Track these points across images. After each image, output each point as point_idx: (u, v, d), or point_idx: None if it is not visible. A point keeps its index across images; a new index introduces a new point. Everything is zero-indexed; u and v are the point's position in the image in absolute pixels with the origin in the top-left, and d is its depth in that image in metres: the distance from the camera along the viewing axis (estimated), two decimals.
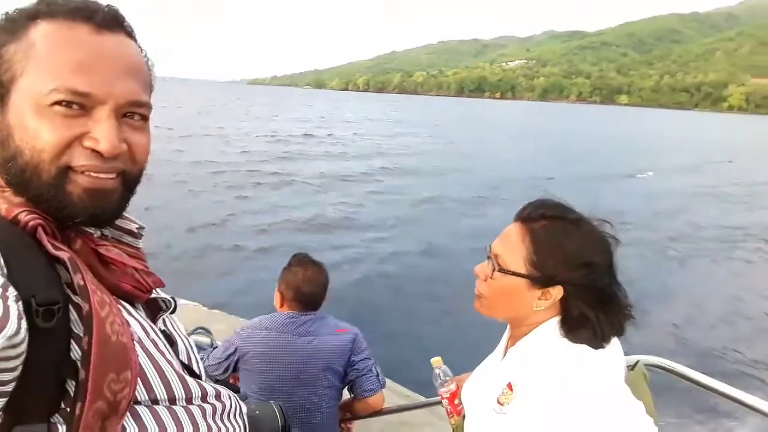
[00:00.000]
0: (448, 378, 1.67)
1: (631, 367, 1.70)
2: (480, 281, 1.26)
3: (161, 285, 0.88)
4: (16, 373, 0.55)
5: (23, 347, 0.55)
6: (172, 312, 0.94)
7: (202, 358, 0.98)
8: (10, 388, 0.55)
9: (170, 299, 0.92)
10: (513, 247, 1.19)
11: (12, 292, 0.56)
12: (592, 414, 1.02)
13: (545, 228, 1.17)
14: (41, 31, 0.69)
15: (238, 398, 0.96)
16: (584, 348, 1.11)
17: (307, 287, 2.24)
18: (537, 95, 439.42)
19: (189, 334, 0.93)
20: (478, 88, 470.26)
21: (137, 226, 0.88)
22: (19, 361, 0.55)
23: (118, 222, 0.84)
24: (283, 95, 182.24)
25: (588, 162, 28.62)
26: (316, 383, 2.19)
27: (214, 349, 2.41)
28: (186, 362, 0.90)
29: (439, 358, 1.71)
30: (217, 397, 0.87)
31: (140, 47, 0.80)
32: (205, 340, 2.61)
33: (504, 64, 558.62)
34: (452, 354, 1.72)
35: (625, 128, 75.39)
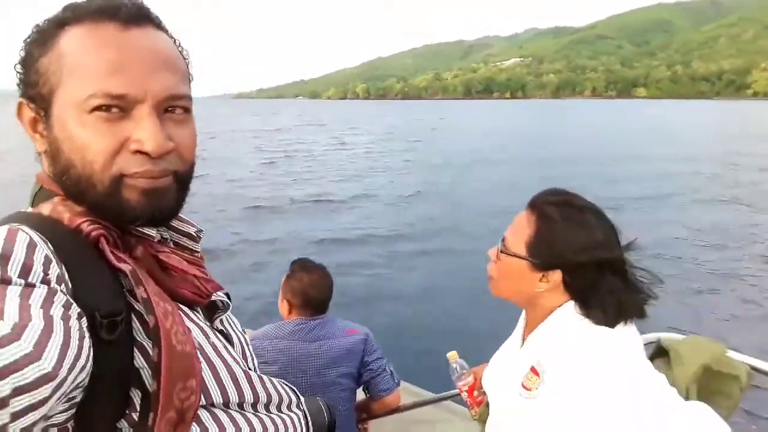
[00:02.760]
0: (465, 371, 1.69)
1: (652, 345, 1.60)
2: (491, 263, 1.32)
3: (220, 290, 0.90)
4: (83, 387, 0.57)
5: (89, 364, 0.56)
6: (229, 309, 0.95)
7: None
8: (77, 400, 0.57)
9: (226, 300, 0.94)
10: (518, 230, 1.25)
11: (75, 309, 0.57)
12: (618, 391, 1.04)
13: (548, 213, 1.20)
14: (70, 38, 0.69)
15: (296, 392, 0.98)
16: (602, 329, 1.14)
17: (314, 291, 2.25)
18: (549, 93, 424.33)
19: None
20: (486, 89, 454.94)
21: (195, 229, 0.89)
22: (86, 377, 0.56)
23: (177, 225, 0.86)
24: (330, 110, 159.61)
25: None
26: (331, 387, 2.19)
27: None
28: (242, 360, 0.91)
29: (454, 352, 1.72)
30: (269, 398, 0.87)
31: (172, 37, 0.79)
32: None
33: (499, 63, 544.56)
34: (461, 349, 1.73)
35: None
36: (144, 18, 0.73)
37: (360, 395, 2.39)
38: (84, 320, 0.57)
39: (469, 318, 7.30)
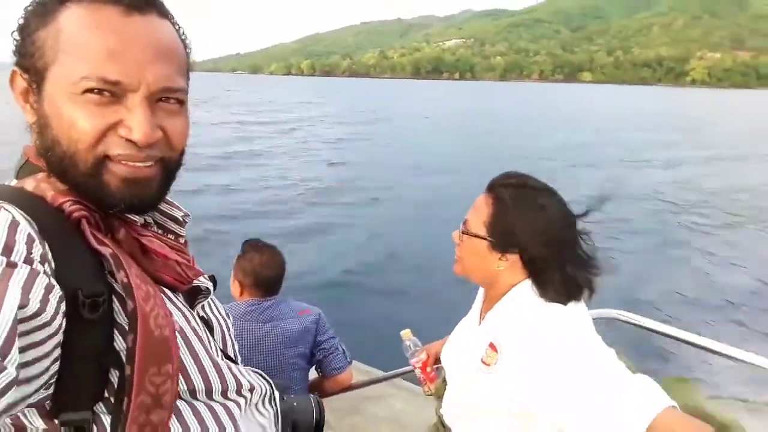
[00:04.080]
0: (418, 348, 1.74)
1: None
2: (457, 245, 1.36)
3: (201, 275, 0.89)
4: (49, 359, 0.55)
5: (52, 330, 0.55)
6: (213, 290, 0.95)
7: None
8: (47, 375, 0.56)
9: (208, 286, 0.91)
10: (477, 212, 1.29)
11: (56, 293, 0.56)
12: (572, 364, 1.08)
13: (505, 195, 1.25)
14: (70, 16, 0.67)
15: (271, 384, 0.97)
16: (556, 306, 1.20)
17: (266, 271, 2.21)
18: (498, 75, 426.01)
19: None
20: (434, 69, 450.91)
21: (182, 213, 0.88)
22: (49, 347, 0.55)
23: (164, 208, 0.85)
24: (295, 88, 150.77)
25: None
26: (284, 368, 2.17)
27: None
28: (222, 347, 0.91)
29: (408, 330, 1.77)
30: (251, 387, 0.87)
31: (176, 26, 0.78)
32: None
33: (441, 43, 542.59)
34: (413, 327, 1.79)
35: None
36: (148, 4, 0.71)
37: (312, 374, 2.40)
38: (63, 304, 0.57)
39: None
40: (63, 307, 0.57)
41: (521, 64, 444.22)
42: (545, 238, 1.21)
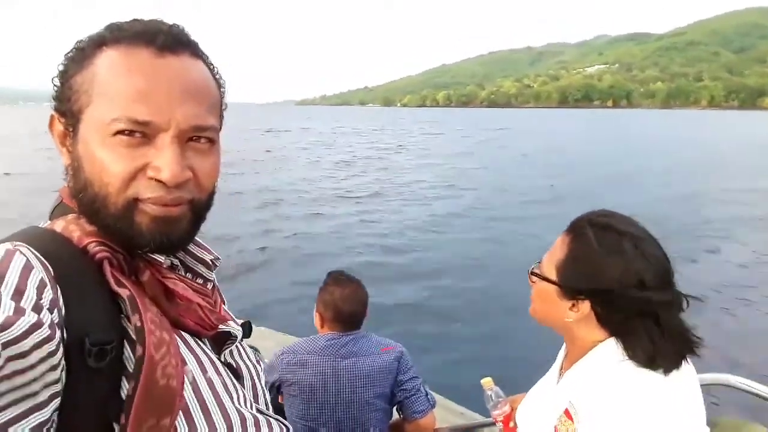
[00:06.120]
0: (500, 399, 1.59)
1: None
2: (531, 286, 1.27)
3: (227, 321, 0.87)
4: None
5: (42, 370, 0.53)
6: (244, 336, 0.92)
7: None
8: (40, 416, 0.53)
9: (237, 332, 0.90)
10: (553, 252, 1.18)
11: (47, 348, 0.54)
12: None
13: (582, 236, 1.11)
14: (105, 59, 0.69)
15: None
16: (645, 374, 1.02)
17: (347, 306, 2.16)
18: (659, 102, 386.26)
19: None
20: (584, 97, 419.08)
21: (212, 257, 0.87)
22: (39, 386, 0.53)
23: (194, 250, 0.85)
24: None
25: None
26: (363, 407, 2.10)
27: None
28: (252, 396, 0.89)
29: (489, 378, 1.63)
30: None
31: (210, 65, 0.79)
32: None
33: (582, 70, 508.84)
34: (507, 369, 1.53)
35: None
36: (181, 45, 0.73)
37: (395, 415, 2.31)
38: (55, 358, 0.55)
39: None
40: (52, 362, 0.55)
41: (686, 90, 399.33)
42: (624, 289, 1.04)
